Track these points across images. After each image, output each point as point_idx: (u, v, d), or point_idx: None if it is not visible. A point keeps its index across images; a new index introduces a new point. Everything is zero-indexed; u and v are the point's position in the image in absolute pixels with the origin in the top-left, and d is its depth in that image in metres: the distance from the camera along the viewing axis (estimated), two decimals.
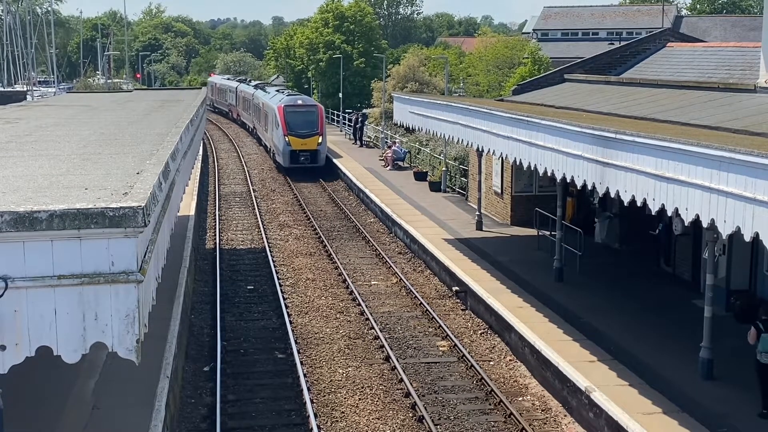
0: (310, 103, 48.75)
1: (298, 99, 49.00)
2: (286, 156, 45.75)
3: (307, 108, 47.24)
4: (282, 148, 45.96)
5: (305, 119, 46.06)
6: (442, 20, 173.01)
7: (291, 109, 46.44)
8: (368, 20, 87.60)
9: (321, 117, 46.77)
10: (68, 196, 9.04)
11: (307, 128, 45.76)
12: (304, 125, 45.85)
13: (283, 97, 50.00)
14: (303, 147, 45.51)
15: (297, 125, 45.71)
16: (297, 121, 45.82)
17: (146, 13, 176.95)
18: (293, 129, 45.54)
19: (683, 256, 22.45)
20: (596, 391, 15.34)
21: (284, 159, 46.11)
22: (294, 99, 48.77)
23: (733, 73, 24.70)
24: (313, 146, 45.74)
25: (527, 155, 20.31)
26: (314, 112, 46.79)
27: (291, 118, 45.87)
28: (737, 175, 12.44)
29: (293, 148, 45.41)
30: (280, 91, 55.72)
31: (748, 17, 75.51)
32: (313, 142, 45.74)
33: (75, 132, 16.58)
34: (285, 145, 45.56)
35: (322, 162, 46.39)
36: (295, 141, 45.47)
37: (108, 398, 14.90)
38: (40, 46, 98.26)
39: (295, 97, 49.77)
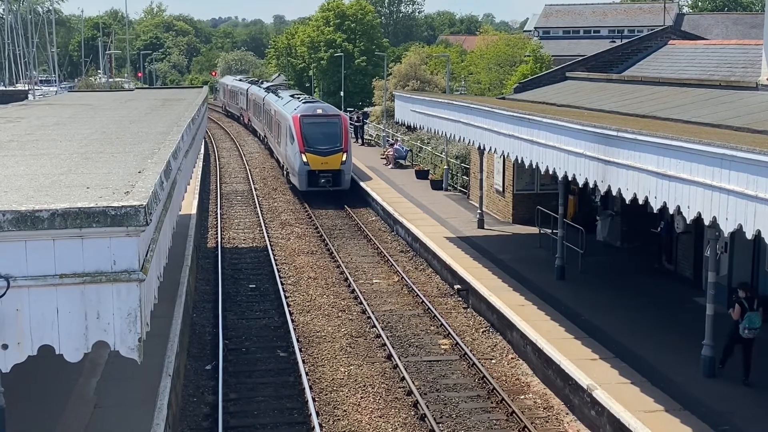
0: (331, 112, 40.35)
1: (317, 107, 40.45)
2: (303, 177, 38.05)
3: (329, 118, 39.37)
4: (298, 168, 38.12)
5: (326, 132, 38.47)
6: (444, 18, 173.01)
7: (309, 120, 38.77)
8: (369, 18, 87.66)
9: (345, 129, 39.00)
10: (70, 195, 9.04)
11: (328, 143, 38.13)
12: (325, 140, 38.19)
13: (299, 104, 41.57)
14: (323, 167, 37.78)
15: (316, 140, 38.15)
16: (316, 135, 38.26)
17: (147, 12, 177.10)
18: (312, 144, 37.94)
19: (685, 253, 22.44)
20: (598, 389, 15.34)
21: (300, 181, 38.33)
22: (312, 107, 40.29)
23: (735, 71, 24.67)
24: (336, 165, 37.95)
25: (529, 153, 20.30)
26: (337, 124, 38.95)
27: (309, 131, 38.32)
28: (739, 172, 12.43)
29: (312, 167, 37.68)
30: (296, 97, 46.47)
31: (750, 15, 75.40)
32: (336, 160, 38.01)
33: (76, 131, 16.59)
34: (301, 164, 37.87)
35: (346, 185, 38.48)
36: (314, 159, 37.73)
37: (110, 397, 14.91)
38: (41, 45, 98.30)
39: (314, 105, 41.06)
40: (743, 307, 15.76)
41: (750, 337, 15.71)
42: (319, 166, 37.76)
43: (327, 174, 37.87)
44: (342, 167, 38.13)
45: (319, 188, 37.82)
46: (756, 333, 15.72)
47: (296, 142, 38.24)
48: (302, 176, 37.92)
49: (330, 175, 37.87)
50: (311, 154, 37.72)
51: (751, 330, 15.66)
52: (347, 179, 38.55)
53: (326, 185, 37.74)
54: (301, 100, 44.04)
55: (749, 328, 15.65)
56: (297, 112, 39.52)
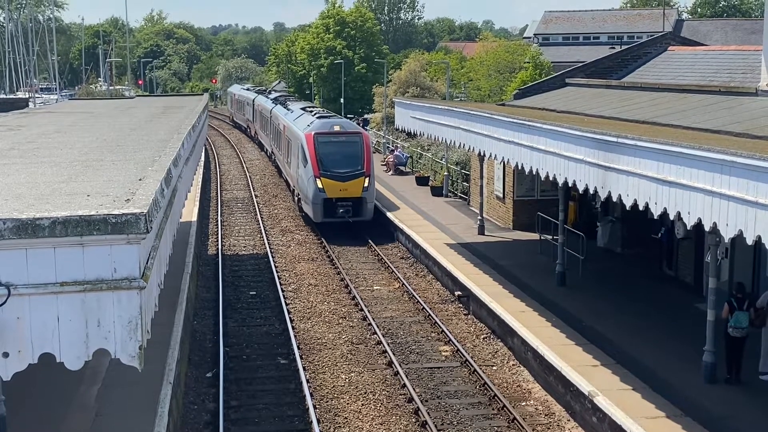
0: (351, 129, 34.72)
1: (333, 123, 34.84)
2: (318, 207, 32.49)
3: (348, 136, 33.72)
4: (312, 195, 32.64)
5: (345, 153, 33.03)
6: (443, 25, 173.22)
7: (325, 139, 33.26)
8: (369, 25, 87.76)
9: (367, 149, 33.39)
10: (70, 203, 9.04)
11: (348, 166, 32.67)
12: (344, 162, 32.78)
13: (313, 119, 35.85)
14: (342, 194, 32.34)
15: (334, 162, 32.71)
16: (333, 156, 32.86)
17: (148, 20, 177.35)
18: (328, 167, 32.52)
19: (686, 259, 22.44)
20: (599, 396, 15.32)
21: (315, 211, 32.75)
22: (328, 123, 34.66)
23: (735, 77, 24.70)
24: (357, 192, 32.43)
25: (529, 159, 20.31)
26: (357, 143, 33.38)
27: (325, 152, 32.91)
28: (739, 178, 12.43)
29: (328, 195, 32.24)
30: (308, 110, 40.70)
31: (749, 20, 75.52)
32: (357, 186, 32.46)
33: (77, 139, 16.60)
34: (316, 190, 32.40)
35: (368, 215, 32.98)
36: (331, 185, 32.28)
37: (111, 404, 14.90)
38: (42, 54, 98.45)
39: (330, 121, 35.43)
40: (731, 307, 16.14)
41: (737, 336, 16.03)
42: (336, 194, 32.32)
43: (346, 203, 32.43)
44: (364, 194, 32.59)
45: (336, 219, 32.46)
46: (742, 332, 16.00)
47: (310, 164, 32.78)
48: (317, 205, 32.58)
49: (350, 204, 32.43)
50: (328, 179, 32.32)
51: (737, 329, 16.00)
52: (370, 208, 33.00)
53: (345, 216, 32.38)
54: (314, 114, 38.45)
55: (735, 327, 16.01)
56: (310, 129, 33.99)
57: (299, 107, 43.64)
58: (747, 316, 16.07)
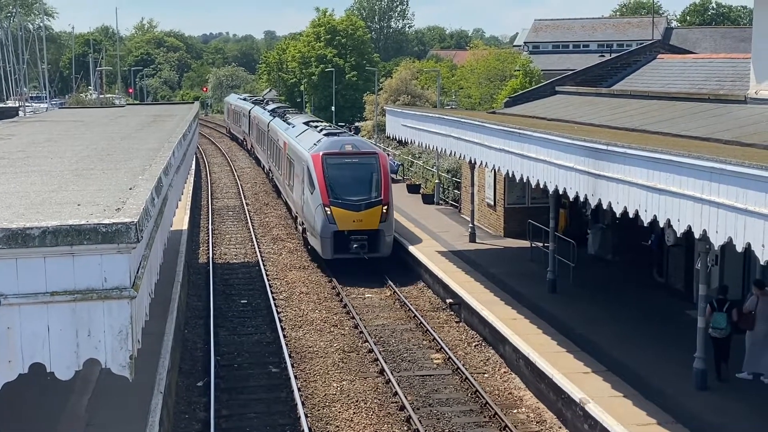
0: (365, 149, 29.78)
1: (344, 142, 29.72)
2: (327, 241, 27.63)
3: (362, 158, 28.93)
4: (320, 227, 27.66)
5: (359, 177, 28.43)
6: (434, 33, 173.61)
7: (335, 160, 28.48)
8: (360, 34, 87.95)
9: (384, 173, 28.66)
10: (61, 212, 9.03)
11: (362, 193, 28.03)
12: (358, 188, 28.14)
13: (320, 137, 30.95)
14: (356, 226, 27.61)
15: (346, 188, 28.05)
16: (345, 181, 28.19)
17: (138, 28, 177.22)
18: (339, 195, 27.81)
19: (676, 266, 22.50)
20: (591, 403, 15.34)
21: (323, 245, 27.80)
22: (339, 142, 29.55)
23: (724, 85, 24.83)
24: (373, 224, 27.71)
25: (519, 167, 20.36)
26: (373, 165, 28.62)
27: (335, 176, 28.20)
28: (728, 186, 12.48)
29: (339, 227, 27.46)
30: (312, 125, 35.64)
31: (738, 28, 75.92)
32: (373, 217, 27.75)
33: (67, 148, 16.58)
34: (325, 222, 27.55)
35: (386, 250, 28.21)
36: (343, 216, 27.54)
37: (101, 414, 14.83)
38: (32, 62, 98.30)
39: (341, 140, 30.13)
40: (712, 308, 16.49)
41: (716, 336, 16.44)
42: (349, 225, 27.53)
43: (361, 236, 27.65)
44: (381, 226, 27.75)
45: (349, 255, 27.71)
46: (721, 333, 16.40)
47: (317, 190, 27.94)
48: (326, 239, 27.62)
49: (365, 238, 27.63)
50: (339, 209, 27.55)
51: (715, 329, 16.39)
52: (388, 242, 28.08)
53: (359, 252, 27.61)
54: (319, 129, 33.44)
55: (713, 327, 16.38)
56: (318, 149, 29.09)
57: (301, 121, 38.84)
58: (725, 317, 16.42)
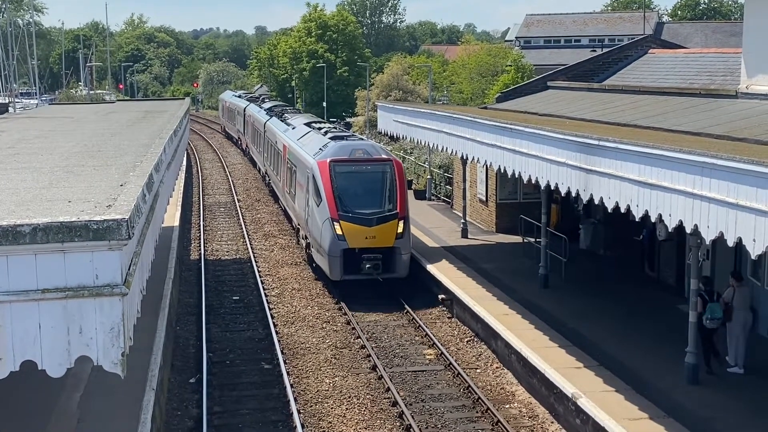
0: (377, 155, 26.22)
1: (355, 147, 26.44)
2: (336, 260, 24.51)
3: (375, 165, 25.74)
4: (328, 244, 24.54)
5: (372, 187, 25.40)
6: (425, 28, 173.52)
7: (344, 168, 25.46)
8: (351, 29, 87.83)
9: (400, 182, 25.44)
10: (51, 209, 8.99)
11: (376, 205, 24.97)
12: (371, 199, 25.13)
13: (326, 141, 27.87)
14: (369, 243, 24.53)
15: (356, 200, 25.00)
16: (356, 192, 25.20)
17: (128, 24, 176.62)
18: (349, 207, 24.73)
19: (667, 261, 22.56)
20: (583, 398, 15.37)
21: (332, 265, 24.65)
22: (348, 147, 26.39)
23: (715, 79, 24.88)
24: (388, 241, 24.60)
25: (511, 163, 20.37)
26: (387, 173, 25.49)
27: (345, 186, 25.16)
28: (720, 180, 12.51)
29: (350, 245, 24.39)
30: (314, 126, 32.57)
31: (729, 23, 76.09)
32: (388, 232, 24.65)
33: (58, 144, 16.51)
34: (333, 238, 24.45)
35: (403, 270, 25.05)
36: (354, 231, 24.42)
37: (93, 411, 14.80)
38: (21, 58, 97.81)
39: (349, 144, 26.94)
40: (704, 300, 16.53)
41: (713, 327, 16.58)
42: (361, 243, 24.47)
43: (374, 255, 24.51)
44: (397, 243, 24.66)
45: (361, 276, 24.64)
46: (717, 323, 16.52)
47: (324, 202, 24.90)
48: (335, 258, 24.42)
49: (378, 257, 24.51)
50: (349, 224, 24.43)
51: (713, 320, 16.48)
52: (405, 261, 24.92)
53: (372, 272, 24.50)
54: (323, 132, 30.22)
55: (711, 318, 16.46)
56: (324, 155, 25.96)
57: (302, 122, 35.55)
58: (719, 306, 16.58)
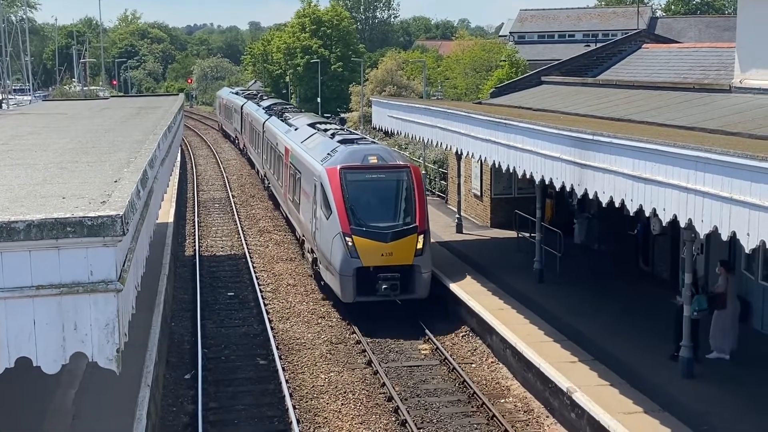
0: (393, 162, 23.63)
1: (368, 152, 23.73)
2: (348, 280, 21.81)
3: (390, 173, 23.17)
4: (339, 262, 21.88)
5: (388, 198, 22.84)
6: (419, 24, 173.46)
7: (357, 176, 22.84)
8: (345, 24, 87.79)
9: (419, 191, 22.88)
10: (45, 205, 8.97)
11: (392, 218, 22.48)
12: (387, 212, 22.62)
13: (335, 144, 25.09)
14: (385, 261, 21.88)
15: (371, 212, 22.42)
16: (370, 203, 22.61)
17: (122, 20, 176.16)
18: (364, 221, 22.12)
19: (661, 255, 22.60)
20: (578, 392, 15.41)
21: (343, 285, 21.94)
22: (360, 152, 23.72)
23: (708, 74, 24.91)
24: (406, 258, 22.01)
25: (506, 158, 20.37)
26: (404, 182, 22.89)
27: (358, 196, 22.55)
28: (714, 174, 12.52)
29: (364, 263, 21.74)
30: (319, 128, 29.80)
31: (723, 17, 76.17)
32: (407, 248, 22.03)
33: (51, 140, 16.47)
34: (345, 255, 21.78)
35: (424, 291, 22.35)
36: (369, 248, 21.79)
37: (88, 408, 14.79)
38: (14, 54, 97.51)
39: (361, 149, 24.25)
40: (691, 292, 16.59)
41: (698, 318, 16.69)
42: (377, 261, 21.81)
43: (391, 273, 21.81)
44: (417, 261, 22.04)
45: (377, 298, 21.96)
46: (703, 314, 16.74)
47: (335, 214, 22.23)
48: (347, 278, 21.76)
49: (396, 276, 21.79)
50: (363, 239, 21.80)
51: (700, 312, 16.66)
52: (425, 280, 22.25)
53: (389, 293, 21.82)
54: (331, 134, 27.43)
55: (698, 310, 16.60)
56: (334, 162, 23.27)
57: (305, 122, 32.55)
58: (705, 298, 16.78)
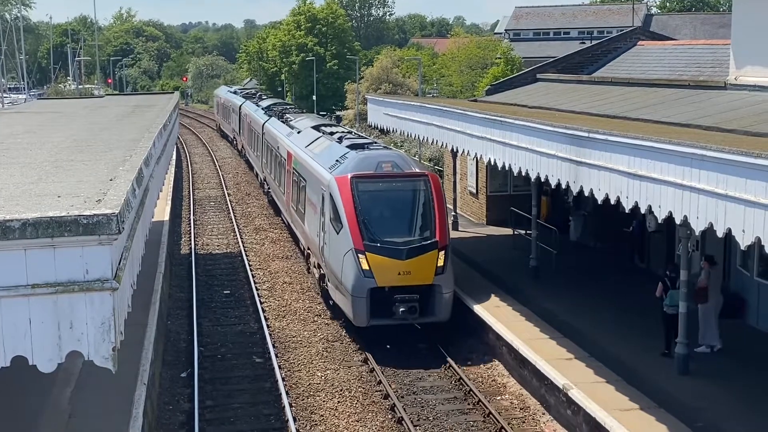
0: (410, 170, 21.34)
1: (381, 159, 21.43)
2: (361, 302, 19.63)
3: (406, 181, 21.02)
4: (352, 282, 19.71)
5: (404, 209, 20.78)
6: (415, 21, 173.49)
7: (370, 186, 20.74)
8: (340, 22, 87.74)
9: (438, 201, 20.65)
10: (41, 204, 8.97)
11: (409, 232, 20.39)
12: (404, 225, 20.53)
13: (343, 150, 22.85)
14: (402, 280, 19.76)
15: (386, 226, 20.30)
16: (384, 214, 20.57)
17: (117, 18, 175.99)
18: (378, 235, 19.97)
19: (657, 252, 22.63)
20: (574, 389, 15.43)
21: (356, 307, 19.77)
22: (373, 159, 21.46)
23: (704, 71, 24.93)
24: (425, 277, 19.86)
25: (501, 155, 20.37)
26: (422, 192, 20.74)
27: (371, 207, 20.44)
28: (709, 171, 12.54)
29: (379, 282, 19.58)
30: (325, 131, 27.63)
31: (718, 15, 76.28)
32: (426, 266, 19.88)
33: (47, 139, 16.44)
34: (358, 273, 19.63)
35: (445, 313, 20.19)
36: (384, 266, 19.65)
37: (84, 406, 14.78)
38: (9, 53, 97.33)
39: (374, 154, 21.94)
40: (665, 286, 17.14)
41: (672, 313, 16.81)
42: (393, 280, 19.70)
43: (409, 295, 19.72)
44: (438, 280, 19.91)
45: (393, 321, 19.91)
46: (677, 310, 16.58)
47: (346, 229, 20.06)
48: (360, 299, 19.63)
49: (414, 297, 19.70)
50: (378, 256, 19.67)
51: (671, 307, 16.83)
52: (447, 301, 20.13)
53: (407, 316, 19.75)
54: (338, 138, 25.03)
55: (670, 305, 16.88)
56: (344, 170, 21.11)
57: (308, 125, 30.53)
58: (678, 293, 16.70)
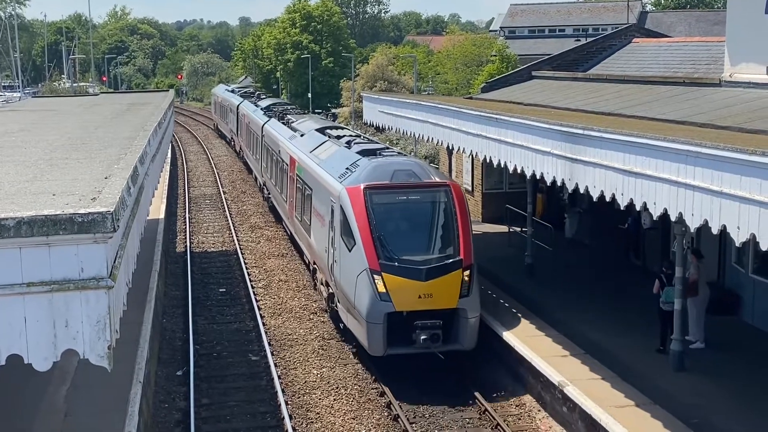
0: (429, 180, 19.40)
1: (397, 167, 19.46)
2: (377, 328, 17.57)
3: (426, 192, 19.10)
4: (367, 306, 17.62)
5: (424, 224, 18.83)
6: (410, 19, 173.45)
7: (386, 198, 18.75)
8: (336, 20, 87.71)
9: (461, 213, 18.72)
10: (36, 202, 8.94)
11: (430, 250, 18.39)
12: (423, 242, 18.57)
13: (354, 157, 20.98)
14: (422, 304, 17.68)
15: (403, 241, 18.36)
16: (402, 230, 18.67)
17: (111, 16, 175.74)
18: (395, 253, 17.95)
19: (652, 249, 22.65)
20: (569, 386, 15.45)
21: (371, 334, 17.70)
22: (388, 167, 19.46)
23: (699, 68, 24.95)
24: (449, 300, 17.83)
25: (497, 153, 20.36)
26: (444, 203, 18.86)
27: (387, 222, 18.50)
28: (704, 168, 12.54)
29: (397, 307, 17.55)
30: (330, 134, 25.94)
31: (712, 12, 76.35)
32: (449, 288, 17.83)
33: (41, 137, 16.40)
34: (373, 297, 17.56)
35: (470, 341, 18.08)
36: (403, 288, 17.63)
37: (80, 405, 14.76)
38: (3, 51, 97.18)
39: (389, 163, 19.80)
40: (662, 282, 17.10)
41: (668, 309, 16.71)
42: (413, 304, 17.67)
43: (431, 321, 17.74)
44: (462, 303, 17.85)
45: (413, 350, 17.92)
46: (672, 307, 16.56)
47: (360, 246, 18.06)
48: (375, 326, 17.55)
49: (437, 323, 17.73)
50: (396, 277, 17.64)
51: (667, 303, 16.75)
52: (473, 327, 18.03)
53: (429, 344, 17.76)
54: (347, 142, 23.15)
55: (666, 302, 16.81)
56: (356, 180, 19.15)
57: (312, 127, 28.47)
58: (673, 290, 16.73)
